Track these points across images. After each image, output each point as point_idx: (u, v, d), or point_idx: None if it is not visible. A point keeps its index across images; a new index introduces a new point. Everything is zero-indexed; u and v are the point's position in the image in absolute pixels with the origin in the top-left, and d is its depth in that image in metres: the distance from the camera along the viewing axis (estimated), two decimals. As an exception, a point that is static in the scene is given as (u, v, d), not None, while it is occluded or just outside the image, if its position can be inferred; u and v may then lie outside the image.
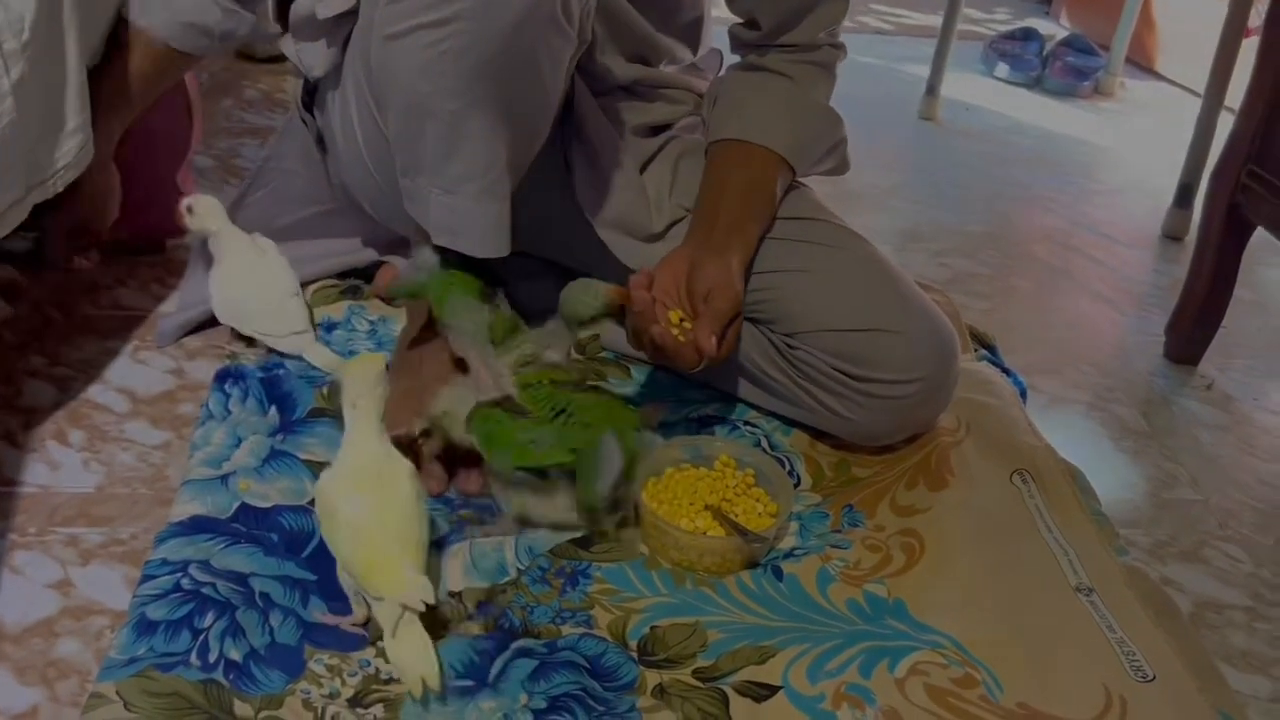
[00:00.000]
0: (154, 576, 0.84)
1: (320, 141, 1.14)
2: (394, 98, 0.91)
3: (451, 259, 0.98)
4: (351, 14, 0.99)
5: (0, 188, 0.88)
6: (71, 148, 0.97)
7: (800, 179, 1.12)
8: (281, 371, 1.11)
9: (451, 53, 0.84)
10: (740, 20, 1.13)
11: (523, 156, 0.95)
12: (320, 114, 1.11)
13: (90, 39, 1.02)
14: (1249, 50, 1.39)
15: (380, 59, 0.90)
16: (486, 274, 1.00)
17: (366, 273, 1.27)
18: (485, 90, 0.86)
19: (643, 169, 1.13)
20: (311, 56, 1.04)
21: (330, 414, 1.04)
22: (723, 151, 1.09)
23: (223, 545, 0.88)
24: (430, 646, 0.77)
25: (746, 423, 1.12)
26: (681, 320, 0.94)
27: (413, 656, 0.76)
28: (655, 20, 1.13)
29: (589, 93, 1.09)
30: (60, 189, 0.98)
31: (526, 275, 1.18)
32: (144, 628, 0.79)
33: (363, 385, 0.82)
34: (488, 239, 0.96)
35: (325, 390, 1.08)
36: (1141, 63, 2.90)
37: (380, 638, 0.79)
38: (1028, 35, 2.70)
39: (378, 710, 0.76)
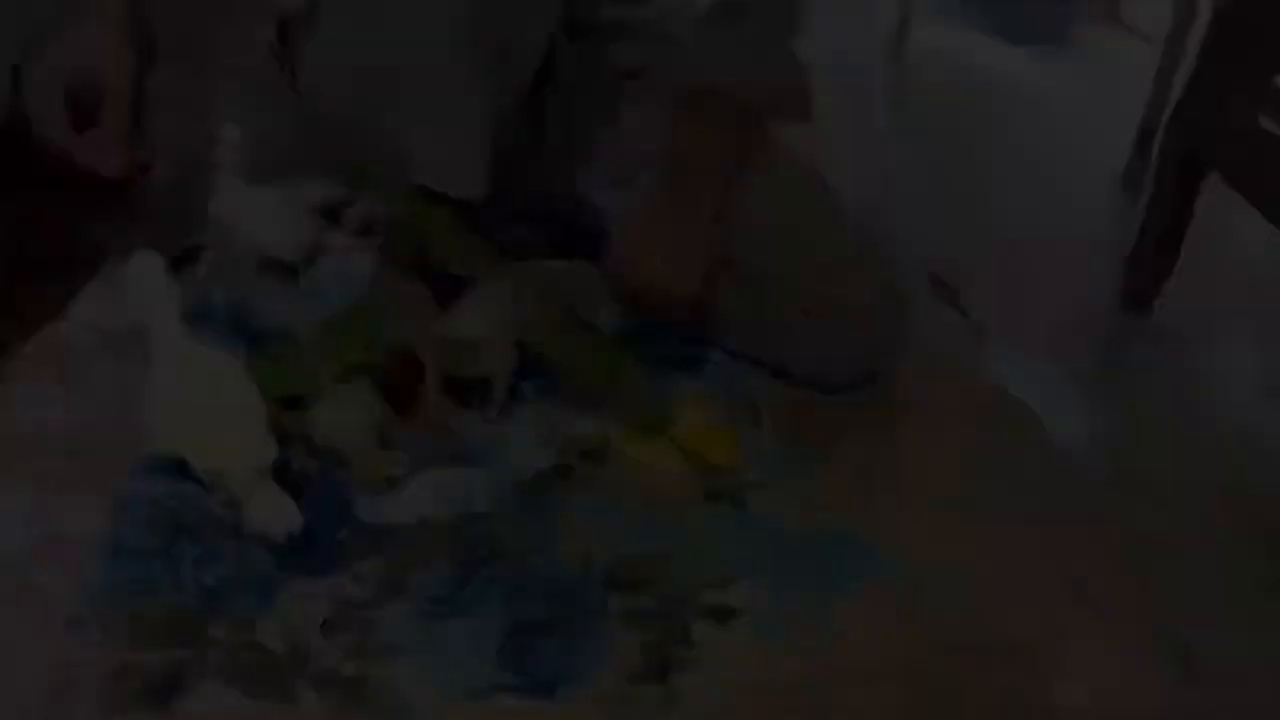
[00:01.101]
0: (129, 507, 0.85)
1: (293, 81, 1.13)
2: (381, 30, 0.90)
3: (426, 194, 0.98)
4: None
5: None
6: None
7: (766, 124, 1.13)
8: (252, 309, 1.11)
9: None
10: (708, -40, 1.13)
11: (508, 96, 0.95)
12: (296, 51, 1.10)
13: None
14: (1210, -2, 1.41)
15: None
16: (457, 209, 1.01)
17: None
18: (477, 25, 0.87)
19: (615, 113, 1.14)
20: None
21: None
22: (693, 97, 1.09)
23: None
24: (285, 496, 0.81)
25: (713, 363, 1.14)
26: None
27: (270, 511, 0.81)
28: None
29: (566, 39, 1.09)
30: None
31: (501, 217, 1.18)
32: (120, 555, 0.81)
33: (144, 295, 0.85)
34: (467, 178, 0.96)
35: None
36: (1107, 10, 2.91)
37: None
38: (997, -18, 2.70)
39: (349, 636, 0.78)
